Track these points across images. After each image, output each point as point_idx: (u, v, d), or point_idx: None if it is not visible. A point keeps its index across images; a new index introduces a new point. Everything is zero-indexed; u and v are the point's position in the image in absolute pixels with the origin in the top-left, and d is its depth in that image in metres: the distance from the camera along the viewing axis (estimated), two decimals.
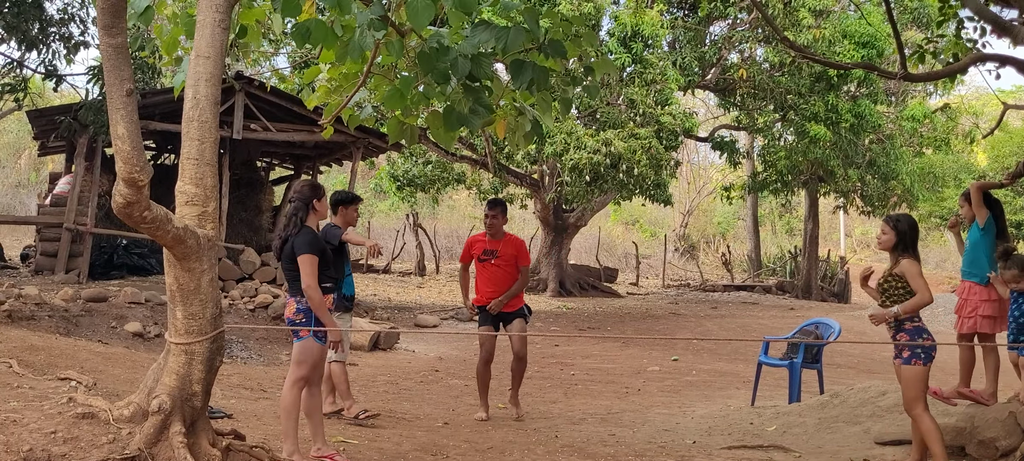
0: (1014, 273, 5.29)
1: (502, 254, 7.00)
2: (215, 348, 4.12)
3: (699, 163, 40.51)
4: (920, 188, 22.77)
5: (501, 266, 6.99)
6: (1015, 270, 5.28)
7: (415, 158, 21.22)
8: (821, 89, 18.02)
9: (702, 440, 6.46)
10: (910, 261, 4.99)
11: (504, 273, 6.99)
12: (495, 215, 7.07)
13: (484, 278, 7.08)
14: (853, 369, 11.43)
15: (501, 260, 7.00)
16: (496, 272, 6.98)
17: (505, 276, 6.99)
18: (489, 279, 7.03)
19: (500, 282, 6.97)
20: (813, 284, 25.09)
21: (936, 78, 8.61)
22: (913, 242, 5.08)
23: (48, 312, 9.98)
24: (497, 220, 7.06)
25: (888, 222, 5.15)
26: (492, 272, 7.00)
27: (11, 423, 3.90)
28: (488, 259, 7.04)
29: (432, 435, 6.18)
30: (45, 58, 13.25)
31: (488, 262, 7.03)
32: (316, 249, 4.97)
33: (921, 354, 4.93)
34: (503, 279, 6.98)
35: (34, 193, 27.65)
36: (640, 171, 15.79)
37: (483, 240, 7.16)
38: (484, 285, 7.07)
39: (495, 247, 7.03)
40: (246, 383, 8.27)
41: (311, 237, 5.02)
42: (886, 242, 5.10)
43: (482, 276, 7.10)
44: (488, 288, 7.02)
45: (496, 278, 6.99)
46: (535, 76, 4.72)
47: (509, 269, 7.01)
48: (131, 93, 3.61)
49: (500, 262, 6.99)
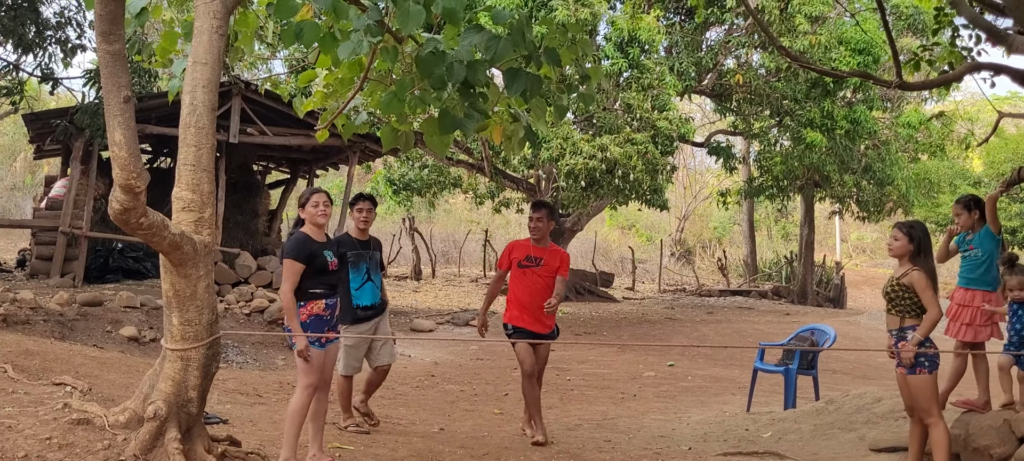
0: (1019, 279, 5.24)
1: (547, 263, 6.40)
2: (211, 354, 4.12)
3: (695, 168, 40.58)
4: (916, 194, 22.82)
5: (542, 276, 6.38)
6: (1021, 277, 5.25)
7: (411, 162, 21.23)
8: (817, 95, 18.06)
9: (698, 446, 6.47)
10: (920, 273, 4.95)
11: (543, 284, 6.36)
12: (540, 217, 6.46)
13: (521, 288, 6.41)
14: (849, 375, 11.44)
15: (544, 270, 6.39)
16: (536, 282, 6.35)
17: (544, 288, 6.35)
18: (527, 289, 6.37)
19: (537, 294, 6.32)
20: (809, 289, 25.13)
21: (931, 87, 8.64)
22: (928, 250, 5.07)
23: (43, 316, 9.97)
24: (542, 222, 6.45)
25: (901, 229, 5.10)
26: (532, 282, 6.36)
27: (6, 429, 3.89)
28: (530, 266, 6.42)
29: (428, 441, 6.18)
30: (41, 61, 13.27)
31: (529, 270, 6.40)
32: (299, 255, 4.96)
33: (926, 363, 4.94)
34: (541, 291, 6.34)
35: (30, 196, 27.59)
36: (636, 176, 15.80)
37: (526, 246, 6.53)
38: (520, 295, 6.40)
39: (540, 254, 6.41)
40: (242, 388, 8.26)
41: (295, 243, 5.03)
42: (899, 249, 5.05)
43: (519, 285, 6.43)
44: (524, 299, 6.36)
45: (535, 289, 6.34)
46: (528, 84, 4.73)
47: (549, 281, 6.38)
48: (128, 100, 3.62)
49: (542, 272, 6.39)
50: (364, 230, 6.24)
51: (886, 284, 5.17)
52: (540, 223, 6.44)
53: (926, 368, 4.93)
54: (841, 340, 11.61)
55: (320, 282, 5.03)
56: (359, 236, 6.25)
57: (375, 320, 6.29)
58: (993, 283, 5.68)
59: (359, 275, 6.15)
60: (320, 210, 5.15)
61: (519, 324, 6.37)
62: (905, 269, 5.03)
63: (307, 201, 5.16)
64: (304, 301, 4.97)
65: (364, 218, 6.18)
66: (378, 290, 6.27)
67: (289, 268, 4.94)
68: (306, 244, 5.03)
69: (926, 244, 5.07)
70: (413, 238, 25.59)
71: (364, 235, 6.26)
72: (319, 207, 5.15)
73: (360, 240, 6.24)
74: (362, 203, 6.24)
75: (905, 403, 5.25)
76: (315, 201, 5.15)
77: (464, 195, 24.58)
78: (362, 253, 6.19)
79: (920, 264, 5.00)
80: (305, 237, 5.07)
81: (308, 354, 4.87)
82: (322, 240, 5.16)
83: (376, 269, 6.28)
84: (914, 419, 5.18)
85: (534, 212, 6.53)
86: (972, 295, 5.68)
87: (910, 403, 5.15)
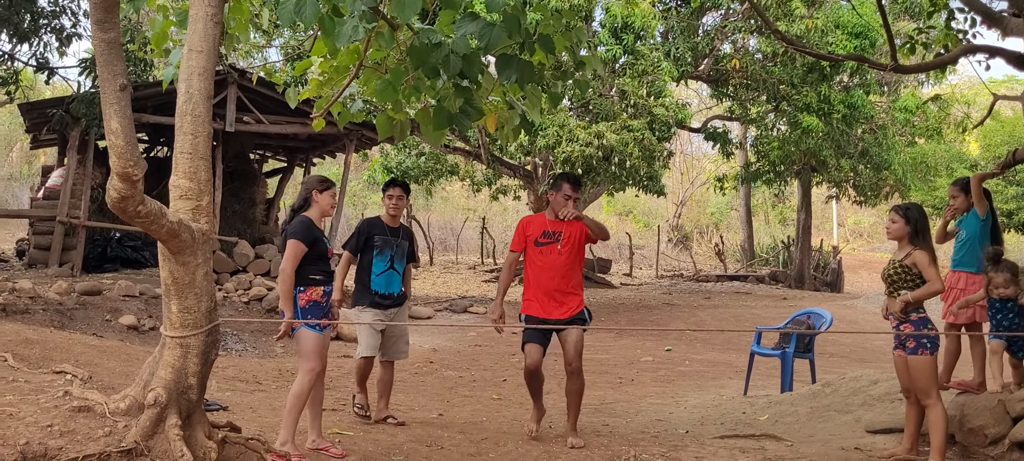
0: (1005, 277, 5.23)
1: (567, 236, 5.66)
2: (210, 341, 4.14)
3: (692, 154, 40.57)
4: (912, 178, 22.86)
5: (564, 253, 5.65)
6: (1006, 274, 5.24)
7: (408, 150, 21.23)
8: (814, 80, 18.07)
9: (695, 430, 6.51)
10: (922, 252, 5.00)
11: (566, 261, 5.65)
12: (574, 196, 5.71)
13: (541, 268, 5.69)
14: (845, 358, 11.50)
15: (565, 245, 5.66)
16: (557, 260, 5.63)
17: (567, 265, 5.64)
18: (546, 270, 5.66)
19: (558, 274, 5.64)
20: (806, 274, 25.20)
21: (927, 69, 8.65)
22: (925, 230, 5.11)
23: (42, 306, 9.99)
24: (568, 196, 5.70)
25: (898, 212, 5.13)
26: (552, 261, 5.64)
27: (7, 417, 3.92)
28: (549, 242, 5.69)
29: (426, 427, 6.21)
30: (37, 51, 13.24)
31: (549, 246, 5.67)
32: (306, 237, 5.00)
33: (928, 344, 4.97)
34: (565, 269, 5.65)
35: (26, 186, 27.56)
36: (633, 163, 15.83)
37: (542, 221, 5.83)
38: (539, 278, 5.69)
39: (558, 228, 5.68)
40: (241, 376, 8.29)
41: (301, 225, 5.06)
42: (896, 231, 5.09)
43: (537, 267, 5.72)
44: (544, 281, 5.67)
45: (556, 267, 5.63)
46: (520, 71, 4.73)
47: (575, 255, 5.69)
48: (124, 88, 3.62)
49: (563, 248, 5.66)
50: (395, 217, 6.20)
51: (887, 267, 5.18)
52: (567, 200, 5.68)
53: (928, 350, 4.97)
54: (837, 324, 11.67)
55: (320, 268, 5.07)
56: (390, 223, 6.19)
57: (393, 310, 6.16)
58: (978, 265, 5.72)
59: (383, 261, 6.07)
60: (335, 203, 5.24)
61: (539, 314, 5.68)
62: (907, 250, 5.06)
63: (327, 189, 5.21)
64: (304, 286, 5.00)
65: (395, 205, 6.14)
66: (399, 280, 6.15)
67: (293, 248, 4.98)
68: (312, 228, 5.08)
69: (923, 225, 5.11)
70: (410, 225, 25.63)
71: (395, 222, 6.21)
72: (334, 199, 5.24)
73: (391, 227, 6.18)
74: (393, 190, 6.19)
75: (902, 385, 5.29)
76: (334, 193, 5.25)
77: (461, 182, 24.60)
78: (389, 240, 6.11)
79: (920, 244, 5.03)
80: (310, 221, 5.11)
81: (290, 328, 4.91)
82: (321, 227, 5.22)
83: (401, 258, 6.16)
84: (910, 400, 5.22)
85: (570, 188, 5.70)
86: (958, 277, 5.74)
87: (907, 385, 5.18)
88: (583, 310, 5.77)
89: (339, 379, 8.38)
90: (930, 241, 5.12)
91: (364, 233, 6.16)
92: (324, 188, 5.20)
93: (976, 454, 5.12)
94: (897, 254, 5.14)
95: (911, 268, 5.00)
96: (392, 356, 6.26)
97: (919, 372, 4.99)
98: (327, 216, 5.24)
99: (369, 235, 6.13)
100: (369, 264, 6.08)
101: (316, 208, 5.16)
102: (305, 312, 4.97)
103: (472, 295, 18.00)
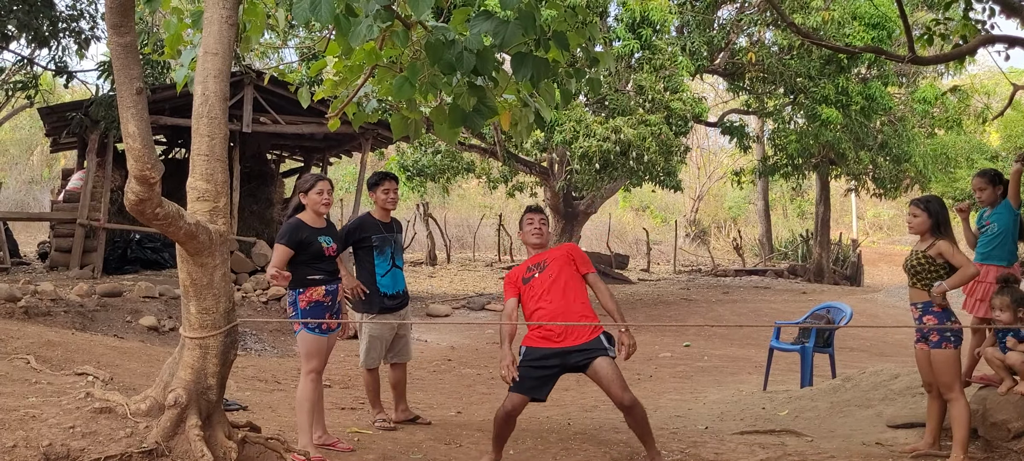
0: (1004, 301, 5.11)
1: (552, 260, 5.07)
2: (229, 342, 4.16)
3: (709, 148, 40.37)
4: (933, 169, 22.63)
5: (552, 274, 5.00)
6: (1007, 299, 5.11)
7: (424, 148, 21.25)
8: (831, 72, 17.92)
9: (714, 425, 6.48)
10: (945, 241, 4.97)
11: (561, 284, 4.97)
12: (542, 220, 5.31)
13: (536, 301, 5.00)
14: (866, 353, 11.41)
15: (552, 267, 5.04)
16: (552, 285, 4.96)
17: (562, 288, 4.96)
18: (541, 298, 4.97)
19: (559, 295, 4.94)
20: (825, 267, 25.01)
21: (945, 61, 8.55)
22: (947, 222, 5.07)
23: (64, 308, 10.09)
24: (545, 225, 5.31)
25: (918, 205, 5.09)
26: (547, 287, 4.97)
27: (30, 418, 3.96)
28: (534, 274, 5.05)
29: (445, 425, 6.22)
30: (56, 55, 13.35)
31: (536, 278, 5.03)
32: (289, 241, 4.95)
33: (952, 337, 4.93)
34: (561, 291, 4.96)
35: (47, 189, 27.84)
36: (650, 158, 15.76)
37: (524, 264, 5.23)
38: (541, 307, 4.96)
39: (541, 258, 5.11)
40: (260, 375, 8.34)
41: (287, 229, 5.01)
42: (919, 225, 5.04)
43: (533, 303, 5.01)
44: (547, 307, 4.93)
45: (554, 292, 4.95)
46: (536, 69, 4.72)
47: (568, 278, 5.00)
48: (141, 92, 3.64)
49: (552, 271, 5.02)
50: (388, 212, 5.89)
51: (909, 257, 5.13)
52: (542, 226, 5.25)
53: (952, 343, 4.92)
54: (858, 318, 11.57)
55: (318, 268, 4.99)
56: (382, 218, 5.87)
57: (402, 311, 5.91)
58: (1009, 257, 5.63)
59: (385, 260, 5.78)
60: (324, 199, 5.06)
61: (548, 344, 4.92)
62: (929, 242, 5.02)
63: (311, 188, 5.07)
64: (303, 287, 4.96)
65: (390, 199, 5.83)
66: (402, 277, 5.90)
67: (276, 252, 4.95)
68: (298, 230, 4.98)
69: (945, 216, 5.07)
70: (427, 223, 25.66)
71: (387, 217, 5.89)
72: (324, 195, 5.06)
73: (383, 222, 5.86)
74: (386, 183, 5.83)
75: (923, 379, 5.24)
76: (320, 189, 5.06)
77: (477, 180, 24.60)
78: (387, 237, 5.80)
79: (942, 235, 4.99)
80: (299, 223, 5.02)
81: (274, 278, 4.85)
82: (319, 226, 5.07)
83: (400, 253, 5.90)
84: (932, 394, 5.17)
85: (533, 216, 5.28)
86: (987, 270, 5.63)
87: (928, 379, 5.13)
88: (600, 336, 4.95)
89: (357, 378, 8.41)
90: (951, 233, 5.08)
91: (355, 233, 5.79)
92: (309, 187, 5.08)
93: (999, 448, 5.05)
94: (919, 246, 5.10)
95: (935, 258, 4.96)
96: (401, 358, 6.03)
97: (942, 365, 4.94)
98: (318, 213, 5.05)
99: (363, 235, 5.77)
100: (371, 266, 5.75)
101: (308, 209, 5.09)
102: (306, 313, 4.94)
103: (490, 292, 18.01)
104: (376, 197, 5.87)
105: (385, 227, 5.86)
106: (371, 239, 5.76)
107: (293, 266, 4.96)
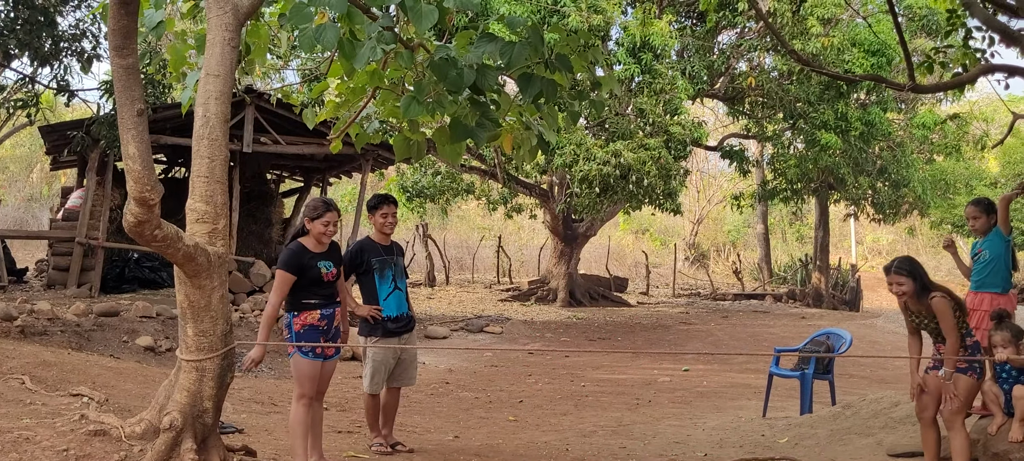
0: (1004, 336, 5.09)
1: None
2: (226, 364, 4.14)
3: (709, 172, 40.42)
4: (932, 195, 22.65)
5: None
6: (1007, 334, 5.09)
7: (424, 169, 21.28)
8: (830, 97, 17.99)
9: (713, 452, 6.43)
10: (941, 300, 4.87)
11: None
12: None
13: None
14: (866, 379, 11.36)
15: None
16: None
17: None
18: None
19: None
20: (824, 292, 24.98)
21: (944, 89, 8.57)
22: (925, 273, 5.01)
23: (60, 327, 10.04)
24: None
25: (900, 273, 4.96)
26: None
27: (24, 441, 3.92)
28: None
29: (442, 450, 6.18)
30: (57, 73, 13.36)
31: None
32: (290, 267, 4.93)
33: (978, 367, 4.92)
34: None
35: (46, 207, 27.85)
36: (650, 181, 15.77)
37: None
38: None
39: None
40: (257, 397, 8.29)
41: (288, 254, 5.00)
42: (908, 291, 4.96)
43: None
44: None
45: None
46: (544, 89, 4.73)
47: None
48: (142, 113, 3.65)
49: None
50: (387, 235, 5.90)
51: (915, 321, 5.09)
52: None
53: (976, 372, 4.92)
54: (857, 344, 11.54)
55: (315, 292, 4.97)
56: (381, 241, 5.88)
57: (406, 336, 5.88)
58: (1003, 284, 5.62)
59: (386, 284, 5.78)
60: (329, 231, 5.05)
61: None
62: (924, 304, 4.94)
63: (318, 217, 5.04)
64: (297, 311, 4.95)
65: (391, 223, 5.86)
66: (406, 300, 5.88)
67: (279, 279, 4.94)
68: (299, 256, 4.98)
69: (922, 270, 5.00)
70: (426, 244, 25.63)
71: (387, 240, 5.91)
72: (330, 227, 5.05)
73: (383, 246, 5.87)
74: (386, 207, 5.87)
75: (917, 409, 5.20)
76: (327, 220, 5.04)
77: (477, 201, 24.60)
78: (387, 260, 5.82)
79: (933, 290, 4.94)
80: (300, 248, 5.02)
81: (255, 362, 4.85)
82: (320, 251, 5.06)
83: (402, 276, 5.89)
84: (924, 423, 5.16)
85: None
86: (982, 298, 5.63)
87: (919, 411, 5.12)
88: None
89: (354, 400, 8.36)
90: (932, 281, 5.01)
91: (357, 258, 5.80)
92: (316, 216, 5.05)
93: None
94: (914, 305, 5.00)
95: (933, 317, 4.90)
96: (401, 383, 5.97)
97: (960, 390, 4.91)
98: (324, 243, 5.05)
99: (364, 259, 5.78)
100: (373, 289, 5.77)
101: (311, 235, 5.08)
102: (299, 337, 4.92)
103: (488, 314, 17.95)
104: (375, 221, 5.90)
105: (385, 250, 5.87)
106: (371, 262, 5.78)
107: (291, 289, 4.95)
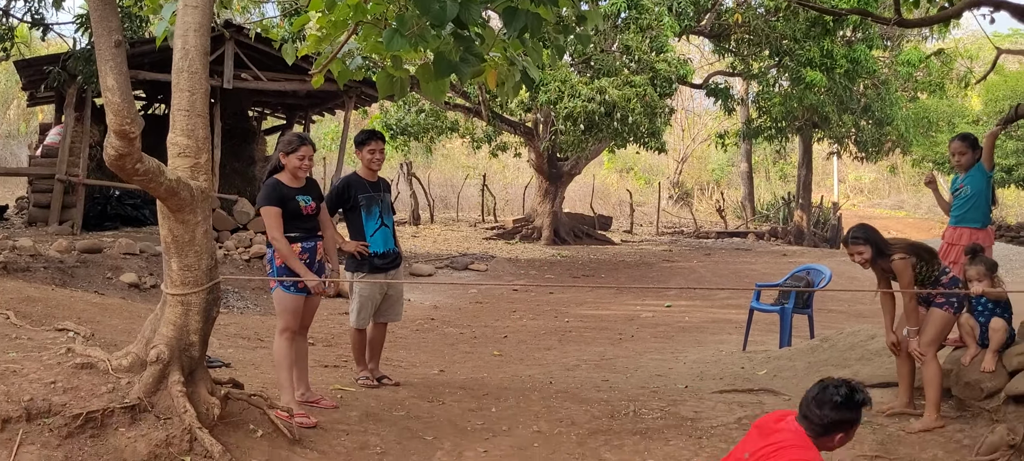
0: (978, 270, 5.14)
1: None
2: (211, 299, 4.16)
3: (694, 110, 40.30)
4: (914, 133, 22.75)
5: None
6: (981, 268, 5.14)
7: (408, 107, 21.10)
8: (817, 34, 17.89)
9: (694, 385, 6.56)
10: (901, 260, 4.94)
11: None
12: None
13: None
14: (843, 314, 11.55)
15: None
16: None
17: None
18: None
19: None
20: (806, 230, 25.21)
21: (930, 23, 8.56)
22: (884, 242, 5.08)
23: (43, 264, 10.02)
24: None
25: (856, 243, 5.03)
26: None
27: (11, 373, 3.94)
28: None
29: (428, 383, 6.26)
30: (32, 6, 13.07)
31: None
32: (272, 200, 4.95)
33: (955, 302, 5.01)
34: None
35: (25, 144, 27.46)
36: (635, 119, 15.73)
37: None
38: None
39: None
40: (243, 333, 8.34)
41: (266, 190, 5.01)
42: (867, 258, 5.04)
43: None
44: None
45: None
46: (528, 23, 4.67)
47: None
48: (120, 44, 3.59)
49: None
50: (374, 171, 5.88)
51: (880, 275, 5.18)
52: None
53: (953, 307, 5.01)
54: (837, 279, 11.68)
55: (295, 226, 5.01)
56: (368, 177, 5.86)
57: (392, 271, 5.89)
58: (982, 220, 5.69)
59: (372, 220, 5.79)
60: (305, 165, 5.06)
61: None
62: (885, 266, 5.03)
63: (293, 151, 5.04)
64: None
65: (376, 159, 5.83)
66: (392, 236, 5.90)
67: (268, 215, 4.95)
68: (277, 189, 5.00)
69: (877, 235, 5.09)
70: (411, 183, 25.55)
71: (374, 176, 5.89)
72: (305, 161, 5.05)
73: (370, 182, 5.85)
74: (373, 142, 5.84)
75: (888, 340, 5.31)
76: (302, 154, 5.03)
77: (462, 140, 24.48)
78: (373, 196, 5.81)
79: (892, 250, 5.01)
80: (276, 182, 5.04)
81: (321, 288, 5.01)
82: (297, 186, 5.07)
83: (388, 212, 5.91)
84: (900, 355, 5.27)
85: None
86: (961, 233, 5.70)
87: (894, 339, 5.22)
88: None
89: (341, 335, 8.43)
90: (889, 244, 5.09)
91: (344, 194, 5.81)
92: (291, 150, 5.05)
93: (972, 407, 5.15)
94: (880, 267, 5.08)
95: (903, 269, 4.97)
96: (388, 318, 6.01)
97: (933, 323, 5.01)
98: (300, 177, 5.06)
99: (351, 195, 5.78)
100: (360, 225, 5.78)
101: (287, 170, 5.07)
102: (281, 271, 4.96)
103: (473, 252, 18.03)
104: (363, 156, 5.87)
105: (372, 186, 5.86)
106: (358, 198, 5.78)
107: None
